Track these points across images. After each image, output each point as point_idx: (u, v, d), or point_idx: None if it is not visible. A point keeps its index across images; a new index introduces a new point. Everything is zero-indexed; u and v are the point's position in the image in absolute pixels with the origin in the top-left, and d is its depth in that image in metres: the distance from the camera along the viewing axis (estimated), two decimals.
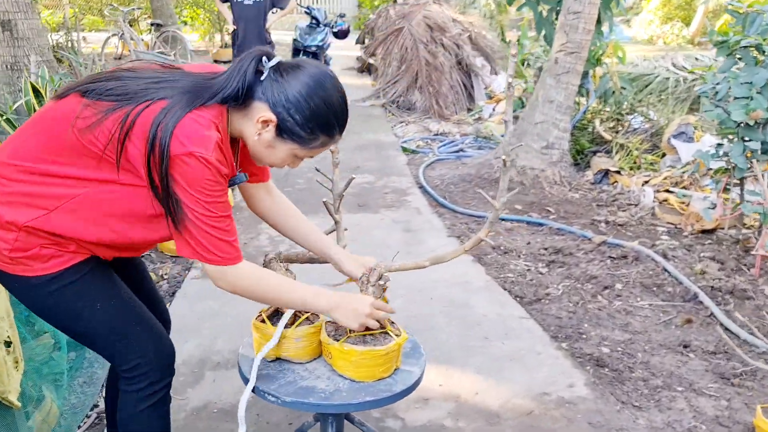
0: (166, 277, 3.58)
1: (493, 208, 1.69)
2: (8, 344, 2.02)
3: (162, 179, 1.37)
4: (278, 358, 1.75)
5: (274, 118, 1.46)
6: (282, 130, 1.48)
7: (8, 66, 5.78)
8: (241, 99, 1.45)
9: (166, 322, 1.92)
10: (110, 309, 1.56)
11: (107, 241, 1.50)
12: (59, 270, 1.48)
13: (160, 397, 1.66)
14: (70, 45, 9.36)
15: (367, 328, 1.71)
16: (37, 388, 2.20)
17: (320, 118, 1.48)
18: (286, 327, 1.71)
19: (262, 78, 1.47)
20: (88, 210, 1.45)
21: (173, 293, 3.39)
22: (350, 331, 1.70)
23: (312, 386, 1.65)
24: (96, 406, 2.44)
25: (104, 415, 2.37)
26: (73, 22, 11.38)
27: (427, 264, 1.75)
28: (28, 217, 1.42)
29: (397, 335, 1.71)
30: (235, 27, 6.69)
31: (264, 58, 1.47)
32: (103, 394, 2.49)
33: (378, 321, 1.70)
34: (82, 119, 1.40)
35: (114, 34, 11.17)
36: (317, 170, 1.84)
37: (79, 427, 2.32)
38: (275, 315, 1.78)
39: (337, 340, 1.67)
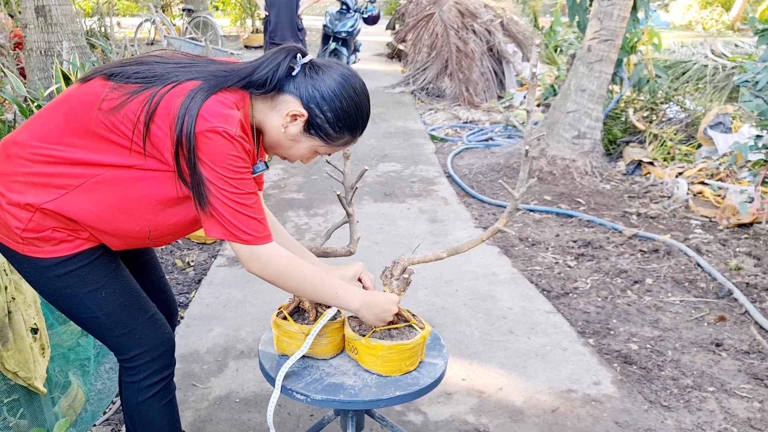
0: (192, 264, 3.60)
1: (513, 198, 1.65)
2: (35, 331, 2.05)
3: (189, 161, 1.36)
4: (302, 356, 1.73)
5: (305, 113, 1.47)
6: (311, 126, 1.49)
7: (42, 52, 5.86)
8: (268, 88, 1.45)
9: (173, 314, 1.90)
10: (114, 298, 1.55)
11: (120, 229, 1.50)
12: (68, 254, 1.48)
13: (161, 388, 1.65)
14: (103, 30, 9.45)
15: (390, 321, 1.69)
16: (64, 374, 2.23)
17: (349, 118, 1.50)
18: (308, 324, 1.69)
19: (294, 73, 1.48)
20: (105, 194, 1.44)
21: (199, 281, 3.41)
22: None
23: (340, 383, 1.63)
24: (112, 402, 2.47)
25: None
26: (107, 7, 11.50)
27: (444, 255, 1.72)
28: (44, 198, 1.42)
29: (421, 328, 1.69)
30: (267, 13, 6.66)
31: (299, 55, 1.49)
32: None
33: (400, 314, 1.70)
34: (108, 101, 1.40)
35: (147, 20, 11.27)
36: (327, 162, 1.81)
37: (104, 412, 2.35)
38: (296, 311, 1.76)
39: (363, 336, 1.65)
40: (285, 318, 1.70)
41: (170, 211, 1.50)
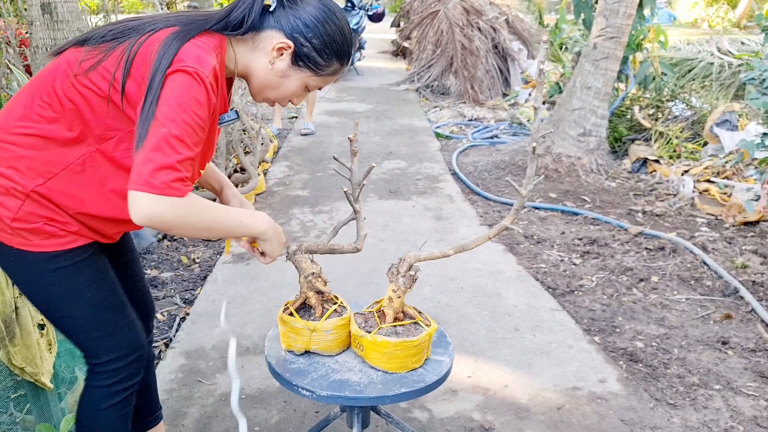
0: (198, 261, 3.61)
1: (520, 195, 1.64)
2: (42, 327, 2.05)
3: (148, 100, 1.27)
4: (307, 351, 1.73)
5: (291, 44, 1.43)
6: (298, 57, 1.45)
7: (48, 49, 5.86)
8: (246, 27, 1.42)
9: (150, 315, 1.86)
10: (99, 300, 1.51)
11: (117, 208, 1.44)
12: (58, 250, 1.42)
13: (126, 396, 1.60)
14: None
15: (396, 319, 1.69)
16: (70, 369, 2.24)
17: (336, 44, 1.46)
18: (314, 320, 1.70)
19: (272, 8, 1.44)
20: (93, 171, 1.40)
21: (204, 277, 3.42)
22: (381, 322, 1.68)
23: (345, 379, 1.63)
24: None
25: None
26: (112, 5, 11.51)
27: (451, 252, 1.71)
28: (33, 182, 1.37)
29: (427, 325, 1.69)
30: None
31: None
32: None
33: (405, 312, 1.71)
34: (84, 62, 1.35)
35: None
36: (335, 158, 1.80)
37: None
38: (302, 307, 1.76)
39: (369, 332, 1.65)
40: (291, 314, 1.71)
41: None
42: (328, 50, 1.46)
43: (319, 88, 1.56)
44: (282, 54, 1.45)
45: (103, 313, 1.52)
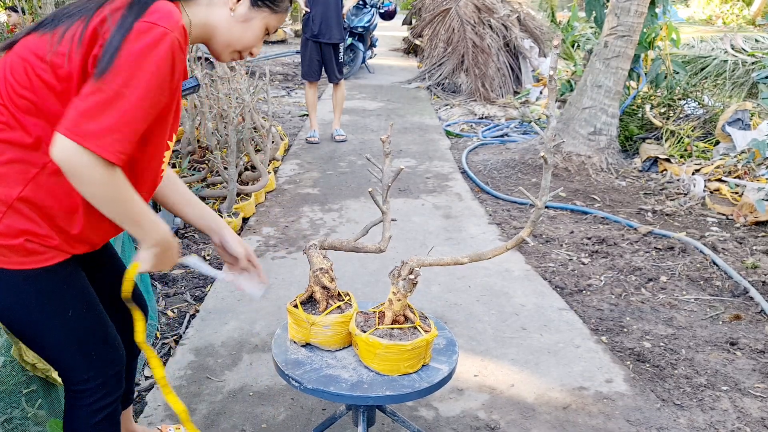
0: (208, 258, 3.64)
1: (536, 207, 1.65)
2: None
3: (112, 55, 1.20)
4: (308, 344, 1.77)
5: None
6: None
7: None
8: None
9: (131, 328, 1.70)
10: (80, 320, 1.45)
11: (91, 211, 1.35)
12: (36, 268, 1.34)
13: (111, 410, 1.56)
14: None
15: (395, 321, 1.70)
16: None
17: None
18: (315, 314, 1.73)
19: None
20: None
21: None
22: (379, 322, 1.70)
23: (336, 375, 1.66)
24: (137, 384, 2.51)
25: (144, 393, 2.44)
26: None
27: (465, 261, 1.72)
28: (15, 190, 1.30)
29: (426, 331, 1.69)
30: (308, 10, 6.04)
31: None
32: (145, 373, 2.56)
33: (406, 316, 1.72)
34: (51, 48, 1.27)
35: None
36: (368, 159, 1.82)
37: None
38: (309, 301, 1.80)
39: (364, 332, 1.67)
40: (296, 306, 1.75)
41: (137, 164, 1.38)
42: None
43: (275, 30, 1.54)
44: None
45: (84, 332, 1.48)
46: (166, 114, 1.38)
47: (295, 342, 1.79)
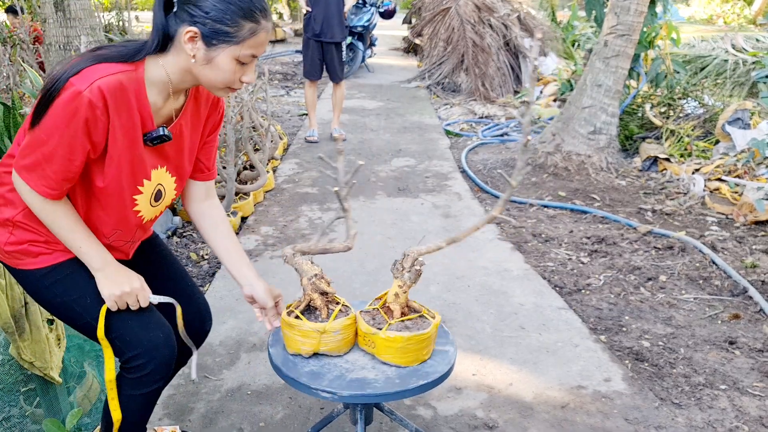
0: (206, 257, 3.64)
1: (509, 186, 1.65)
2: (51, 322, 2.09)
3: (43, 108, 1.41)
4: (315, 354, 1.71)
5: (194, 28, 1.45)
6: (209, 37, 1.45)
7: (61, 46, 5.92)
8: (158, 39, 1.47)
9: (198, 304, 1.89)
10: (100, 303, 1.58)
11: (101, 225, 1.59)
12: (48, 266, 1.57)
13: (156, 388, 1.66)
14: (121, 25, 9.53)
15: (402, 314, 1.71)
16: (79, 364, 2.27)
17: (232, 5, 1.45)
18: (320, 322, 1.69)
19: (175, 10, 1.47)
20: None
21: (213, 274, 3.45)
22: (389, 317, 1.70)
23: (362, 377, 1.64)
24: None
25: None
26: (125, 2, 11.58)
27: (443, 245, 1.74)
28: (13, 212, 1.55)
29: (432, 317, 1.73)
30: (310, 9, 5.99)
31: None
32: None
33: (410, 306, 1.73)
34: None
35: None
36: (320, 158, 1.79)
37: None
38: (306, 310, 1.74)
39: (379, 329, 1.67)
40: (297, 317, 1.69)
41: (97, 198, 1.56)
42: (228, 16, 1.44)
43: (255, 57, 1.53)
44: (195, 42, 1.46)
45: (108, 314, 1.58)
46: (100, 159, 1.49)
47: (298, 355, 1.72)
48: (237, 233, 3.99)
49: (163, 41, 1.48)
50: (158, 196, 1.66)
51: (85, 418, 2.15)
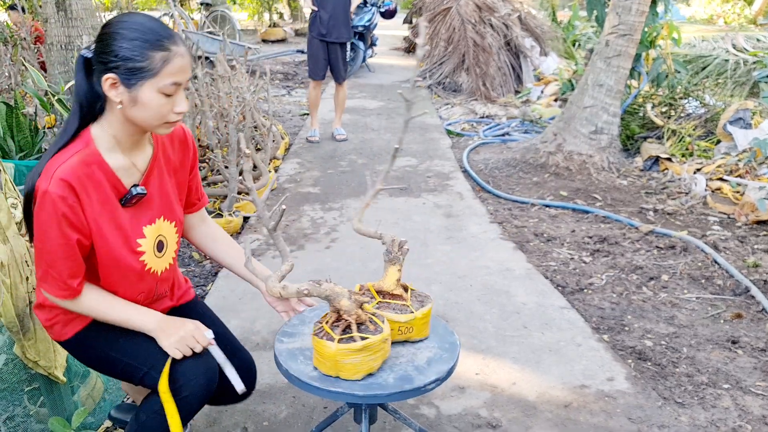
0: (209, 257, 3.64)
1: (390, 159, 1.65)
2: None
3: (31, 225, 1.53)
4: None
5: (112, 74, 1.46)
6: (126, 77, 1.45)
7: (62, 46, 5.92)
8: (93, 103, 1.52)
9: (240, 361, 1.81)
10: (132, 340, 1.65)
11: (120, 292, 1.67)
12: (77, 332, 1.68)
13: (184, 415, 1.61)
14: None
15: (401, 296, 1.76)
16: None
17: (135, 41, 1.44)
18: (374, 333, 1.60)
19: (94, 67, 1.50)
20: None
21: (216, 273, 3.45)
22: (390, 299, 1.75)
23: (373, 378, 1.63)
24: None
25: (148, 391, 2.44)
26: (126, 1, 11.58)
27: (355, 222, 1.78)
28: (40, 297, 1.66)
29: (412, 289, 1.81)
30: (316, 9, 5.87)
31: (84, 52, 1.51)
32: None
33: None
34: None
35: (165, 14, 11.35)
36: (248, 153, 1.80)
37: (123, 401, 2.38)
38: (337, 322, 1.63)
39: (411, 312, 1.72)
40: (352, 340, 1.57)
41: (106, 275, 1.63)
42: (136, 51, 1.44)
43: (179, 84, 1.50)
44: (116, 87, 1.47)
45: (140, 349, 1.64)
46: (91, 238, 1.54)
47: (328, 375, 1.61)
48: (239, 233, 3.99)
49: (97, 105, 1.52)
50: (161, 246, 1.70)
51: (89, 418, 2.15)
